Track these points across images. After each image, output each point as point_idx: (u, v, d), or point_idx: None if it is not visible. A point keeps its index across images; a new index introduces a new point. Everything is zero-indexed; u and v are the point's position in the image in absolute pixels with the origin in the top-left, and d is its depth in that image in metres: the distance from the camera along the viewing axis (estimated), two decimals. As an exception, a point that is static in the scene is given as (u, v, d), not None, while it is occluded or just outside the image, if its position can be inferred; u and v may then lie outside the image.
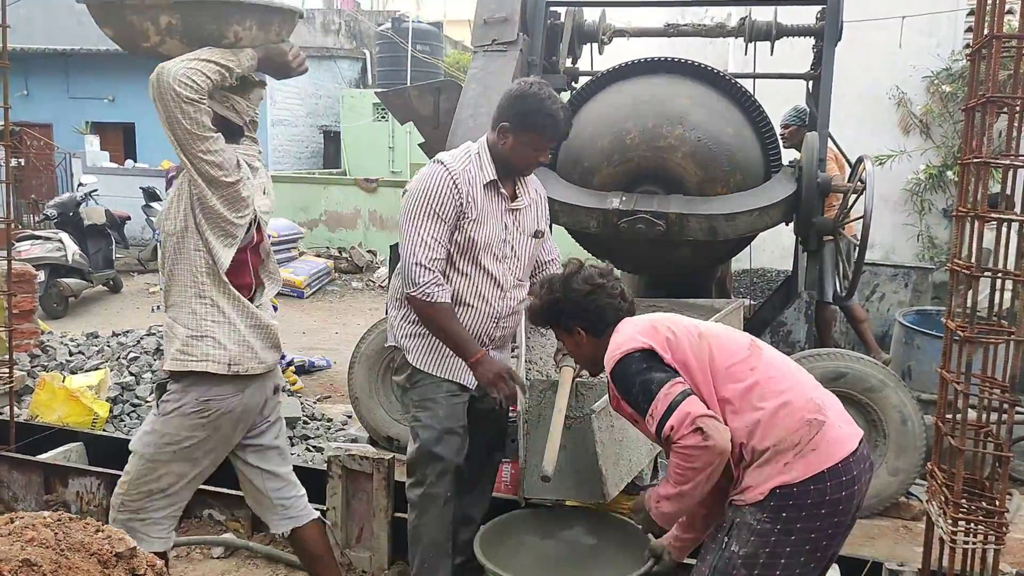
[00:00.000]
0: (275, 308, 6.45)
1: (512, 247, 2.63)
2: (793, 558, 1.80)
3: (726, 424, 1.82)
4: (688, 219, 3.76)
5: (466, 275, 2.56)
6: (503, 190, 2.61)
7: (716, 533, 1.91)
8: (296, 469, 3.39)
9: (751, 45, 4.72)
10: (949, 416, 2.50)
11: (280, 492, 2.54)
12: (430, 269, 2.47)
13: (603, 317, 2.09)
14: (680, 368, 1.88)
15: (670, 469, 1.86)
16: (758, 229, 4.03)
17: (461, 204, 2.49)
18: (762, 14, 4.77)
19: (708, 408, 1.80)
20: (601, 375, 2.15)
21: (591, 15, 4.90)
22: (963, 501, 2.39)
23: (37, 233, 9.21)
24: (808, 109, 4.98)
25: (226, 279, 2.29)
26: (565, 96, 4.77)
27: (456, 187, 2.48)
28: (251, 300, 2.41)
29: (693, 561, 2.03)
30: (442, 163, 2.55)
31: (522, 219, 2.65)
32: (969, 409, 2.46)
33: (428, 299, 2.47)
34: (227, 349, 2.28)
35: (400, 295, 2.61)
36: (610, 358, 1.96)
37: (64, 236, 8.90)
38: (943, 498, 2.44)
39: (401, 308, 2.65)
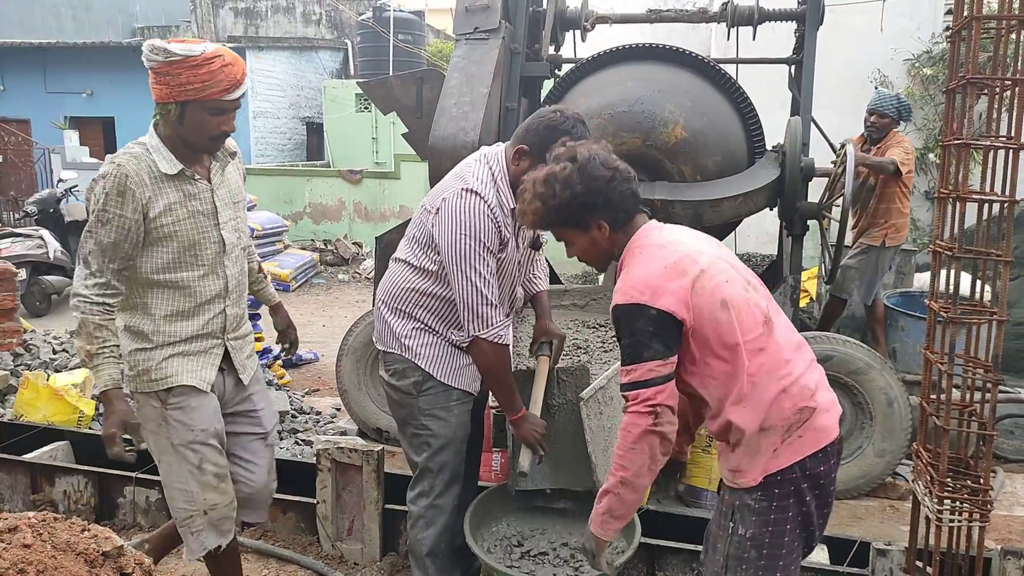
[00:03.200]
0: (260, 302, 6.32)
1: (519, 263, 2.57)
2: (790, 533, 1.84)
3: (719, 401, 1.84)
4: (673, 205, 3.77)
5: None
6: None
7: (720, 519, 1.91)
8: (285, 462, 3.39)
9: (733, 30, 4.72)
10: (934, 396, 2.53)
11: None
12: (500, 307, 2.40)
13: (625, 206, 1.93)
14: (690, 332, 1.81)
15: (615, 454, 1.85)
16: (743, 214, 4.05)
17: (501, 234, 2.39)
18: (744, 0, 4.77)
19: (673, 403, 1.81)
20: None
21: (573, 2, 4.89)
22: (948, 480, 2.42)
23: (17, 230, 9.08)
24: (907, 102, 5.04)
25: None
26: (549, 84, 4.77)
27: (496, 221, 2.36)
28: None
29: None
30: (478, 195, 2.35)
31: (525, 232, 2.56)
32: (953, 389, 2.49)
33: (499, 341, 2.39)
34: None
35: (435, 318, 2.49)
36: (624, 292, 1.82)
37: (45, 233, 8.79)
38: (929, 477, 2.46)
39: (404, 316, 2.53)
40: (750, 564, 1.84)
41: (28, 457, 3.61)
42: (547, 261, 4.77)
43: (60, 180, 10.86)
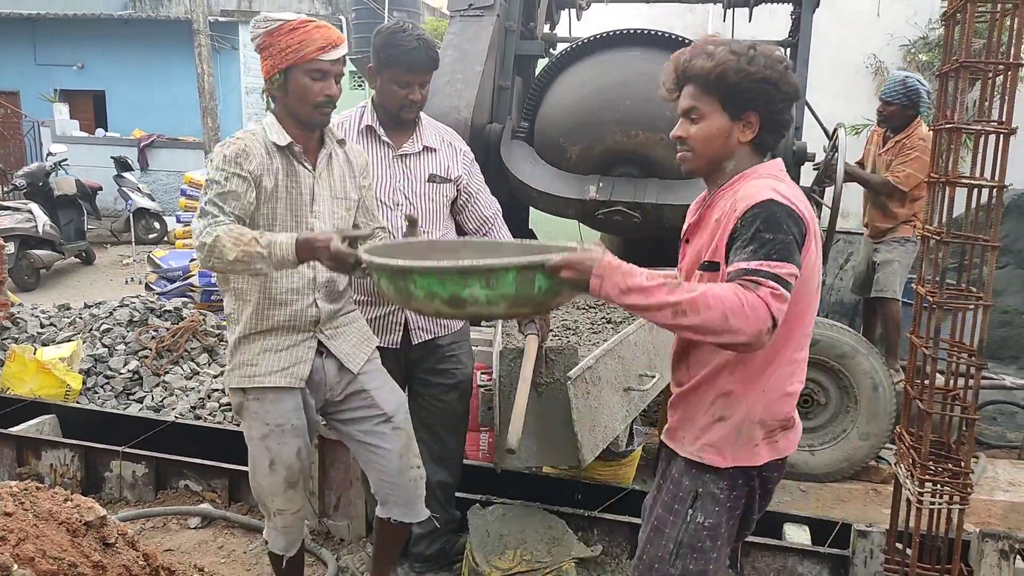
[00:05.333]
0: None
1: (404, 195, 2.63)
2: (736, 524, 1.83)
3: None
4: (663, 209, 3.74)
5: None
6: (386, 139, 2.61)
7: (674, 503, 1.81)
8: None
9: (729, 12, 4.69)
10: (918, 381, 2.54)
11: None
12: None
13: (781, 128, 1.76)
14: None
15: (704, 293, 1.55)
16: None
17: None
18: (740, -20, 4.73)
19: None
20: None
21: (569, -20, 4.84)
22: (930, 463, 2.44)
23: (6, 204, 9.01)
24: (926, 86, 4.57)
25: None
26: (543, 62, 4.73)
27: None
28: None
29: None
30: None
31: (416, 165, 2.65)
32: (938, 374, 2.50)
33: None
34: None
35: None
36: (780, 194, 1.63)
37: (34, 207, 8.73)
38: (911, 460, 2.49)
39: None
40: (703, 554, 1.76)
41: (14, 430, 3.60)
42: (536, 239, 4.78)
43: (50, 154, 10.78)
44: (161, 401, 4.60)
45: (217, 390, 4.68)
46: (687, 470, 1.80)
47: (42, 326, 5.41)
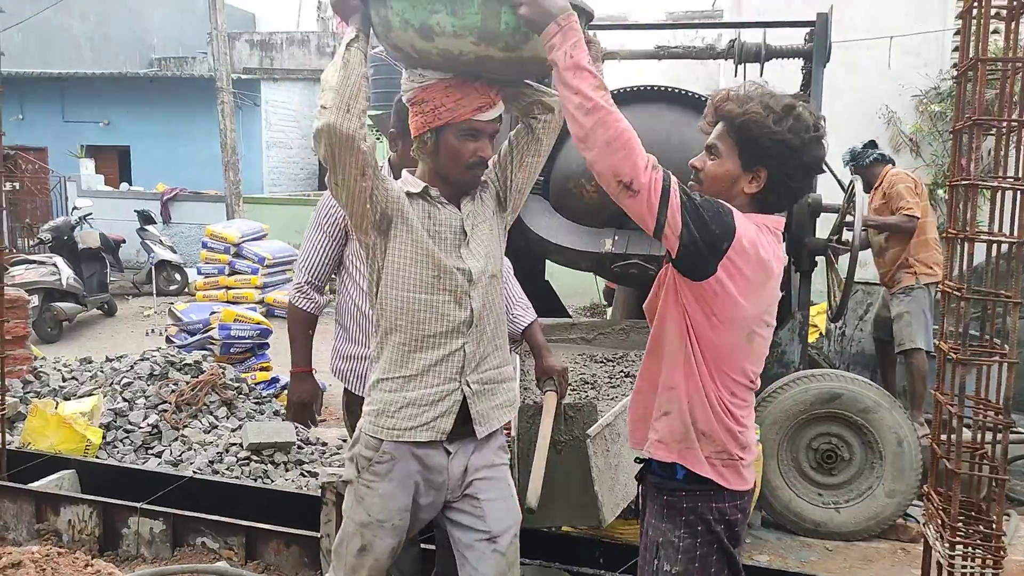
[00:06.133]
0: (270, 331, 6.36)
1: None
2: (716, 565, 1.82)
3: (727, 390, 1.78)
4: None
5: None
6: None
7: (644, 564, 1.87)
8: (289, 495, 3.37)
9: (741, 66, 4.76)
10: (944, 438, 2.50)
11: None
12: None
13: (793, 194, 1.84)
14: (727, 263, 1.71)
15: (616, 116, 1.66)
16: None
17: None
18: (752, 36, 4.82)
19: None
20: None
21: (583, 38, 4.94)
22: (960, 524, 2.38)
23: (31, 257, 9.19)
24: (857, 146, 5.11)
25: None
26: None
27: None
28: None
29: None
30: None
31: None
32: (964, 430, 2.46)
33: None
34: None
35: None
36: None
37: (59, 260, 8.89)
38: (940, 521, 2.43)
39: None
40: None
41: (34, 486, 3.61)
42: (553, 291, 4.79)
43: (75, 208, 11.02)
44: (180, 455, 4.59)
45: (235, 444, 4.68)
46: (650, 518, 1.87)
47: (64, 379, 5.45)
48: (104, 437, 4.59)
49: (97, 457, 4.37)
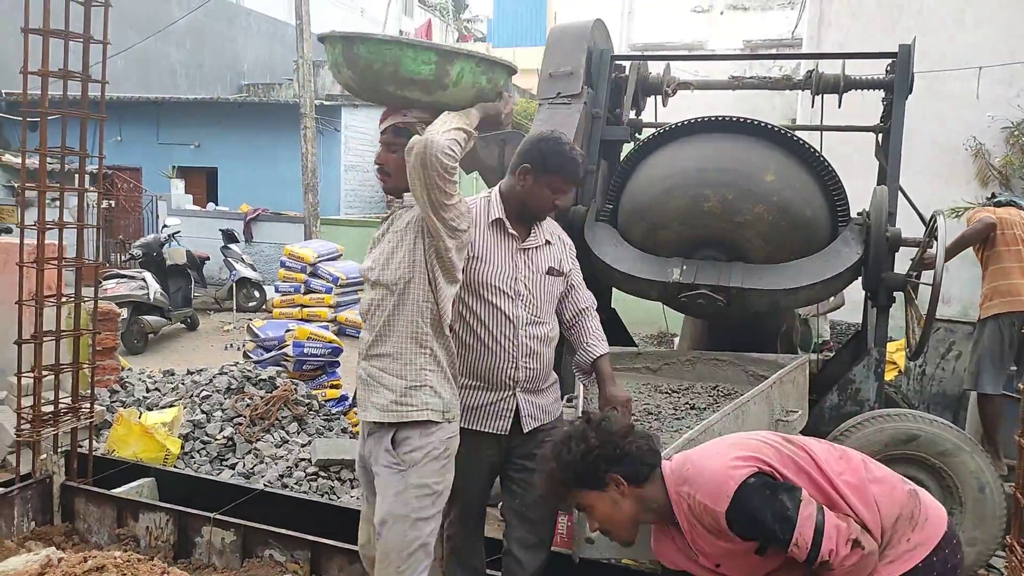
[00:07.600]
0: (341, 350, 6.51)
1: (526, 286, 2.69)
2: None
3: (855, 512, 1.80)
4: (749, 293, 3.70)
5: (475, 313, 2.63)
6: (512, 231, 2.70)
7: None
8: (355, 513, 3.42)
9: (819, 96, 4.68)
10: (1028, 487, 2.38)
11: None
12: None
13: (645, 459, 1.94)
14: (793, 475, 1.79)
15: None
16: (821, 299, 3.97)
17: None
18: (830, 66, 4.73)
19: (838, 512, 1.76)
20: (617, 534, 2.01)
21: (655, 68, 4.95)
22: (1044, 580, 2.26)
23: (122, 272, 9.72)
24: None
25: (446, 329, 2.40)
26: (628, 147, 4.82)
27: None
28: None
29: None
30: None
31: (536, 258, 2.73)
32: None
33: None
34: (442, 398, 2.37)
35: None
36: (721, 491, 1.78)
37: (147, 275, 9.36)
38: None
39: None
40: None
41: (116, 492, 3.79)
42: (619, 319, 4.77)
43: (165, 226, 11.59)
44: (252, 468, 4.75)
45: (304, 459, 4.80)
46: None
47: (148, 390, 5.72)
48: (182, 448, 4.79)
49: (175, 466, 4.55)
